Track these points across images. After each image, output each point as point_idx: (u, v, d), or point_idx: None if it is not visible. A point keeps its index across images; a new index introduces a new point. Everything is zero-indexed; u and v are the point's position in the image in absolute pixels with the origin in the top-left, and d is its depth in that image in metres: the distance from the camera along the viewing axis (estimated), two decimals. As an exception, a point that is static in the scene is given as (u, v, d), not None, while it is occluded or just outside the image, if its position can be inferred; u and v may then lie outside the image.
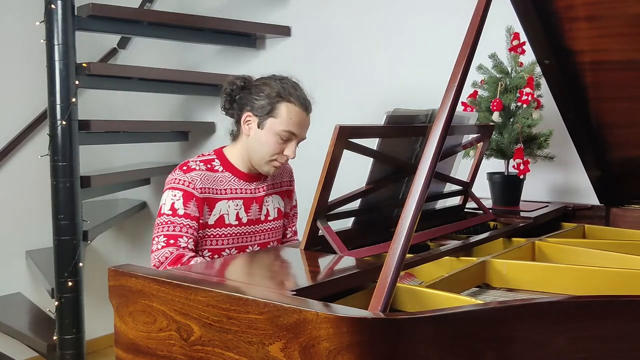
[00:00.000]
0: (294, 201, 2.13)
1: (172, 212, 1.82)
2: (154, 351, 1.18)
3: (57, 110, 2.53)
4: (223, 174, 1.91)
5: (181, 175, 1.85)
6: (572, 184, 2.39)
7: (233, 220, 1.90)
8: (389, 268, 1.04)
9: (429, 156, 1.16)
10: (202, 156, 1.94)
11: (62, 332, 2.59)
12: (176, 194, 1.83)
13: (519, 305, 1.08)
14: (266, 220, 1.98)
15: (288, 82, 1.92)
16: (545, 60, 1.87)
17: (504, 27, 2.12)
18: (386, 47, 2.86)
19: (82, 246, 2.60)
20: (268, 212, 1.99)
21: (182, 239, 1.80)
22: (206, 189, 1.85)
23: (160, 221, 1.83)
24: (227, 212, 1.89)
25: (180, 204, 1.82)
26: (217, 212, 1.87)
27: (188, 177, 1.84)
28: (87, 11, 2.63)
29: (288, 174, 2.10)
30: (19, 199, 3.43)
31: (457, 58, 1.27)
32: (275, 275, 1.36)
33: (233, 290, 1.07)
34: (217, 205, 1.87)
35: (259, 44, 3.33)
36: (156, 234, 1.83)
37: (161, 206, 1.84)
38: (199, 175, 1.85)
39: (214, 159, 1.93)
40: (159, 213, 1.84)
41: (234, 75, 2.00)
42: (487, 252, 1.67)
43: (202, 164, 1.89)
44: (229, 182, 1.91)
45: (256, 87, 1.91)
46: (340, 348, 0.93)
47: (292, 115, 1.86)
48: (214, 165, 1.92)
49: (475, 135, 1.89)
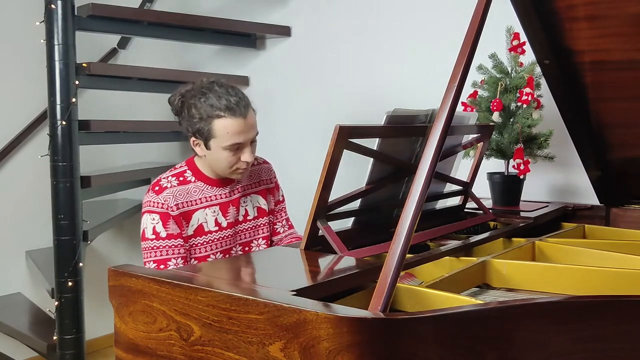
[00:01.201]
0: (280, 197, 2.13)
1: (155, 235, 1.84)
2: (154, 351, 1.18)
3: (57, 110, 2.53)
4: (196, 184, 1.91)
5: (154, 197, 1.86)
6: (572, 184, 2.39)
7: (213, 227, 1.92)
8: (389, 268, 1.04)
9: (429, 156, 1.16)
10: (174, 170, 1.95)
11: (62, 332, 2.59)
12: (154, 218, 1.84)
13: (519, 305, 1.08)
14: (245, 220, 1.99)
15: (212, 93, 1.83)
16: (545, 60, 1.87)
17: (504, 27, 2.12)
18: (386, 47, 2.86)
19: (82, 246, 2.60)
20: (247, 212, 2.00)
21: (171, 262, 1.84)
22: (180, 204, 1.86)
23: (147, 246, 1.85)
24: (205, 220, 1.90)
25: (160, 227, 1.84)
26: (194, 222, 1.89)
27: (161, 199, 1.85)
28: (87, 11, 2.63)
29: (266, 172, 2.09)
30: (19, 199, 3.43)
31: (457, 58, 1.27)
32: (275, 275, 1.36)
33: (233, 291, 1.07)
34: (194, 216, 1.89)
35: (259, 44, 3.33)
36: (146, 259, 1.86)
37: (143, 230, 1.86)
38: (171, 192, 1.86)
39: (186, 170, 1.94)
40: (143, 237, 1.86)
41: (174, 93, 1.94)
42: (487, 252, 1.67)
43: (173, 179, 1.90)
44: (202, 191, 1.92)
45: (188, 110, 1.86)
46: (340, 348, 0.93)
47: (228, 130, 1.81)
48: (186, 177, 1.92)
49: (475, 135, 1.89)
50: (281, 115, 3.20)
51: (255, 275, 1.38)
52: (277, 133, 3.16)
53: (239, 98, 1.84)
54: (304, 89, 3.17)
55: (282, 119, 3.18)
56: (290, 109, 3.22)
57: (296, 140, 3.13)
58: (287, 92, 3.23)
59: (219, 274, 1.35)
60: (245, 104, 1.84)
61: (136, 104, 3.64)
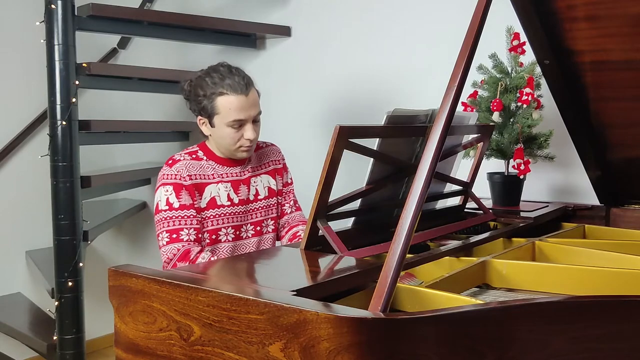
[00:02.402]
0: (289, 179, 2.19)
1: (169, 206, 1.91)
2: (154, 351, 1.18)
3: (57, 111, 2.53)
4: (208, 162, 2.01)
5: (167, 170, 1.95)
6: (572, 184, 2.39)
7: (225, 201, 1.99)
8: (389, 268, 1.04)
9: (429, 156, 1.16)
10: (186, 149, 2.04)
11: (62, 332, 2.59)
12: (168, 189, 1.92)
13: (519, 305, 1.08)
14: (256, 199, 2.07)
15: (216, 73, 1.94)
16: (545, 60, 1.87)
17: (504, 27, 2.12)
18: (386, 46, 2.86)
19: (82, 246, 2.60)
20: (257, 191, 2.07)
21: (183, 232, 1.90)
22: (193, 176, 1.95)
23: (160, 217, 1.92)
24: (217, 194, 1.98)
25: (173, 197, 1.91)
26: (207, 195, 1.97)
27: (174, 170, 1.94)
28: (87, 11, 2.63)
29: (275, 154, 2.17)
30: (19, 199, 3.43)
31: (457, 58, 1.27)
32: (276, 275, 1.36)
33: (233, 291, 1.07)
34: (207, 189, 1.97)
35: (259, 44, 3.33)
36: (159, 230, 1.92)
37: (157, 203, 1.93)
38: (184, 165, 1.95)
39: (197, 151, 2.03)
40: (156, 210, 1.93)
41: (185, 78, 2.04)
42: (487, 252, 1.67)
43: (186, 155, 2.00)
44: (214, 168, 2.01)
45: (193, 91, 1.97)
46: (340, 348, 0.93)
47: (230, 106, 1.91)
48: (199, 155, 2.01)
49: (475, 135, 1.89)
50: (281, 115, 3.20)
51: (255, 276, 1.38)
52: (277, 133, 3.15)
53: (242, 77, 1.95)
54: (304, 89, 3.17)
55: (282, 119, 3.18)
56: (290, 109, 3.22)
57: (296, 140, 3.13)
58: (287, 92, 3.22)
59: (219, 274, 1.35)
60: (247, 82, 1.95)
61: (136, 104, 3.64)
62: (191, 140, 3.55)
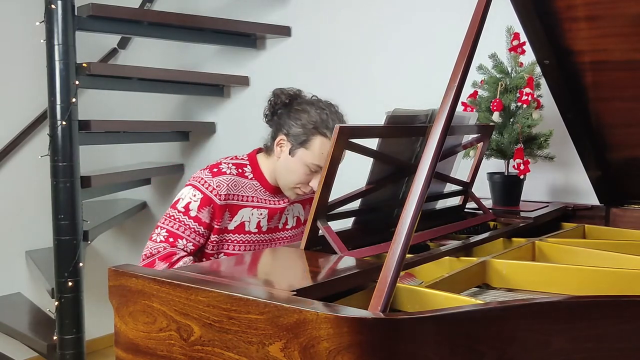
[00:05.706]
0: None
1: (185, 210, 1.83)
2: (154, 351, 1.18)
3: (57, 111, 2.53)
4: (252, 182, 1.92)
5: (208, 177, 1.85)
6: (572, 184, 2.39)
7: (253, 228, 1.92)
8: (389, 268, 1.04)
9: (429, 156, 1.16)
10: (235, 159, 1.95)
11: (62, 332, 2.59)
12: (196, 195, 1.84)
13: (519, 305, 1.08)
14: (284, 228, 2.01)
15: (328, 112, 1.87)
16: (545, 60, 1.87)
17: (504, 27, 2.12)
18: (386, 47, 2.86)
19: (82, 246, 2.60)
20: (287, 220, 2.02)
21: (182, 241, 1.83)
22: (231, 196, 1.86)
23: (170, 214, 1.85)
24: (248, 220, 1.91)
25: (195, 205, 1.83)
26: (238, 219, 1.89)
27: (215, 182, 1.85)
28: (87, 11, 2.63)
29: None
30: (19, 199, 3.43)
31: (457, 58, 1.27)
32: (276, 275, 1.36)
33: (234, 291, 1.07)
34: (240, 212, 1.89)
35: (259, 44, 3.33)
36: (161, 224, 1.85)
37: (178, 199, 1.85)
38: (226, 180, 1.86)
39: (247, 165, 1.94)
40: (174, 204, 1.85)
41: (284, 88, 1.97)
42: (487, 252, 1.67)
43: (234, 167, 1.90)
44: (256, 190, 1.92)
45: (296, 110, 1.88)
46: (340, 348, 0.93)
47: (323, 150, 1.84)
48: (245, 171, 1.92)
49: (475, 135, 1.89)
50: (281, 115, 3.19)
51: (255, 276, 1.38)
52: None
53: None
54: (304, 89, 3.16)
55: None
56: (290, 109, 3.21)
57: (296, 140, 3.13)
58: (287, 92, 3.22)
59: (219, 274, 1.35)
60: None
61: (136, 104, 3.64)
62: (191, 140, 3.55)
